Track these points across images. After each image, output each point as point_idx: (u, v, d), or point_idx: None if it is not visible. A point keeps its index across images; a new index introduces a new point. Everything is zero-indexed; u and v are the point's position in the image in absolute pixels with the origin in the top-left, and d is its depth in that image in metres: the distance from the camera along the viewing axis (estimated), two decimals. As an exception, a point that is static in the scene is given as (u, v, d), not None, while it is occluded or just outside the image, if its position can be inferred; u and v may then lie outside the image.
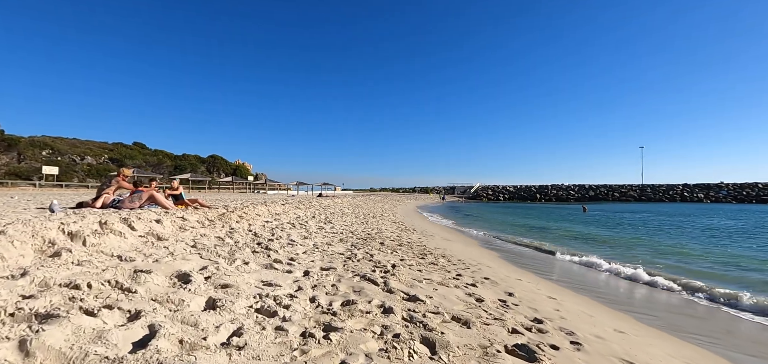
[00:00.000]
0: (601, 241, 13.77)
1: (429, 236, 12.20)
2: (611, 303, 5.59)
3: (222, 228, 5.81)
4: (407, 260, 5.89)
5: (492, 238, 14.11)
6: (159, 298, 2.50)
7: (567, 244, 12.89)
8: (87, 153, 57.56)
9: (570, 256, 9.84)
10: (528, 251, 10.86)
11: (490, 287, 4.98)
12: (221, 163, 72.47)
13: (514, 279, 6.21)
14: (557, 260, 9.47)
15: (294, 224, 8.27)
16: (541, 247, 11.70)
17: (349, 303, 3.10)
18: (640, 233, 16.62)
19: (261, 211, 8.78)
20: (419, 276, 4.75)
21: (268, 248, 4.96)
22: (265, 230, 6.70)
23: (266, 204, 10.45)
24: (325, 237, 7.14)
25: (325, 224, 9.59)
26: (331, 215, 13.21)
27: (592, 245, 12.76)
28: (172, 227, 4.89)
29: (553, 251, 10.61)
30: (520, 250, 11.03)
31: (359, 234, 8.61)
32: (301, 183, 59.90)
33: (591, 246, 12.35)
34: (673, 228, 18.80)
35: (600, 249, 11.54)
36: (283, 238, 6.12)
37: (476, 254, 9.17)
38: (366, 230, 9.83)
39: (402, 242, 8.39)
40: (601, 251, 10.99)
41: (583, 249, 11.42)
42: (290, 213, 10.41)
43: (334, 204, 20.32)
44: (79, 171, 49.93)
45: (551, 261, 9.26)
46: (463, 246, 10.58)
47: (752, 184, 78.73)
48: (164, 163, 62.93)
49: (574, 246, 12.20)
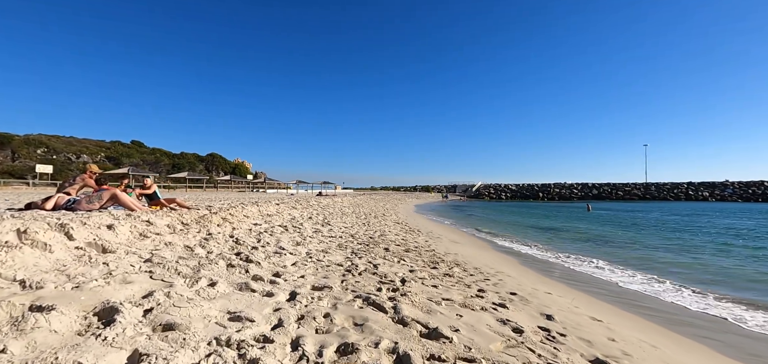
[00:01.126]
0: (621, 242, 12.81)
1: (435, 238, 11.26)
2: (669, 324, 4.63)
3: (197, 234, 4.87)
4: (418, 271, 4.95)
5: (502, 240, 13.16)
6: (42, 359, 1.56)
7: (584, 247, 11.94)
8: (83, 151, 56.69)
9: (588, 260, 8.89)
10: (547, 255, 9.91)
11: (523, 308, 4.03)
12: (220, 162, 71.60)
13: (543, 293, 5.27)
14: (579, 264, 8.51)
15: (287, 227, 7.32)
16: (549, 252, 10.75)
17: (347, 350, 2.16)
18: (660, 233, 15.66)
19: (250, 212, 7.84)
20: (435, 295, 3.81)
21: (249, 260, 4.02)
22: (251, 235, 5.75)
23: (258, 204, 9.51)
24: (321, 243, 6.19)
25: (323, 227, 8.65)
26: (330, 215, 12.27)
27: (613, 247, 11.81)
28: (129, 235, 3.95)
29: (568, 254, 9.67)
30: (540, 255, 10.08)
31: (360, 238, 7.67)
32: (300, 182, 59.05)
33: (611, 249, 11.39)
34: (695, 229, 17.83)
35: (621, 252, 10.59)
36: (271, 245, 5.18)
37: (491, 259, 8.23)
38: (368, 233, 8.88)
39: (408, 248, 7.45)
40: (623, 255, 10.05)
41: (603, 252, 10.47)
42: (284, 214, 9.47)
43: (334, 204, 19.38)
44: (74, 169, 49.01)
45: (573, 266, 8.31)
46: (475, 250, 9.64)
47: (758, 182, 77.65)
48: (162, 161, 62.05)
49: (592, 250, 11.26)
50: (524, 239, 13.71)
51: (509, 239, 13.27)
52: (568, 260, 9.15)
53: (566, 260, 9.15)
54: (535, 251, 10.35)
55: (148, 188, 6.89)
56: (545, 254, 10.02)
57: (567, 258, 9.36)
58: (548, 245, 11.87)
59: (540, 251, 10.54)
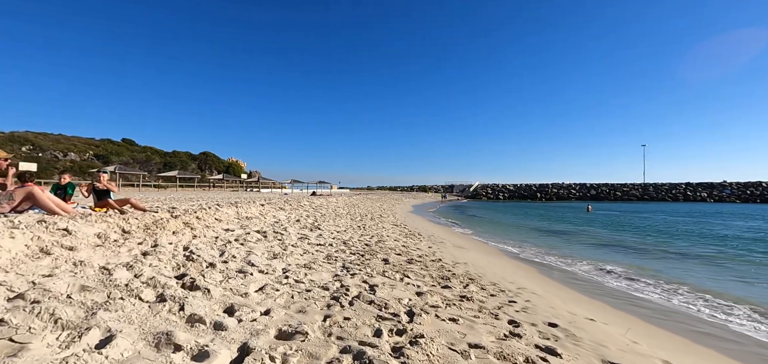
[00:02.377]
0: (642, 247, 11.75)
1: (439, 244, 10.14)
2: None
3: (136, 247, 3.69)
4: (427, 294, 3.81)
5: (511, 244, 12.07)
6: None
7: (603, 253, 10.87)
8: (70, 149, 55.08)
9: (612, 269, 7.80)
10: (567, 264, 8.81)
11: (577, 352, 2.90)
12: (213, 161, 70.11)
13: (583, 318, 4.14)
14: (605, 275, 7.41)
15: (266, 233, 6.14)
16: (568, 260, 9.67)
17: None
18: (684, 237, 14.64)
19: (225, 214, 6.66)
20: (457, 337, 2.67)
21: (194, 287, 2.85)
22: (215, 245, 4.57)
23: (238, 205, 8.31)
24: (305, 254, 5.03)
25: (311, 231, 7.48)
26: (322, 217, 11.09)
27: (635, 254, 10.75)
28: (21, 250, 2.77)
29: (588, 262, 8.59)
30: (559, 263, 8.99)
31: (355, 246, 6.51)
32: (295, 181, 57.79)
33: (638, 258, 10.34)
34: (718, 232, 16.85)
35: (648, 261, 9.53)
36: (237, 259, 4.01)
37: (507, 269, 7.10)
38: (363, 239, 7.73)
39: (411, 257, 6.30)
40: (656, 265, 8.99)
41: (627, 261, 9.41)
42: (268, 216, 8.28)
43: (328, 204, 18.20)
44: (60, 168, 47.43)
45: (598, 277, 7.21)
46: (485, 257, 8.51)
47: (756, 183, 77.42)
48: (153, 160, 60.51)
49: (614, 257, 10.20)
50: (534, 243, 12.61)
51: (517, 244, 12.16)
52: (591, 270, 8.05)
53: (591, 270, 8.05)
54: (553, 260, 9.24)
55: (100, 184, 5.68)
56: (565, 262, 8.91)
57: (591, 267, 8.26)
58: (563, 251, 10.78)
59: (558, 258, 9.43)
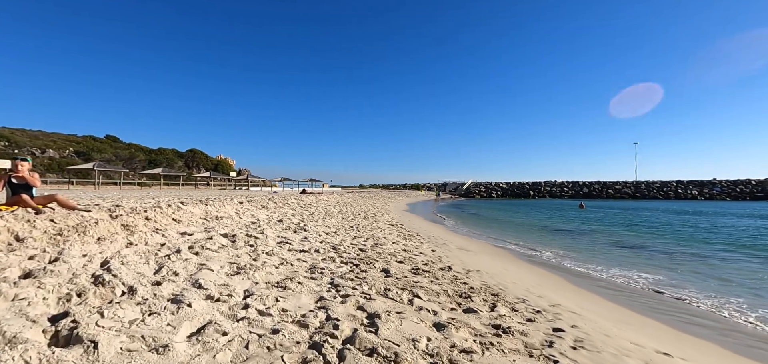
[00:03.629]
0: (666, 250, 10.80)
1: (441, 245, 9.04)
2: None
3: (25, 261, 2.48)
4: (447, 323, 2.68)
5: (520, 245, 11.04)
6: None
7: (626, 256, 9.88)
8: (49, 146, 52.73)
9: (653, 278, 6.79)
10: (595, 269, 7.77)
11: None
12: (201, 158, 68.13)
13: (653, 351, 3.06)
14: (641, 281, 6.37)
15: (235, 237, 4.93)
16: (590, 265, 8.65)
17: None
18: (709, 236, 13.78)
19: (188, 214, 5.43)
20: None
21: (71, 340, 1.66)
22: (156, 256, 3.36)
23: (211, 202, 7.06)
24: (282, 265, 3.85)
25: (296, 233, 6.29)
26: (310, 216, 9.89)
27: (663, 258, 9.79)
28: None
29: (612, 268, 7.58)
30: (583, 268, 7.95)
31: (347, 251, 5.35)
32: (286, 179, 56.28)
33: (663, 258, 9.37)
34: (737, 231, 16.08)
35: (680, 265, 8.56)
36: (180, 278, 2.82)
37: (529, 278, 6.00)
38: (358, 242, 6.57)
39: (416, 265, 5.16)
40: (705, 272, 8.01)
41: (660, 266, 8.42)
42: (245, 216, 7.05)
43: (318, 202, 16.97)
44: (37, 165, 45.22)
45: (636, 285, 6.17)
46: (498, 262, 7.41)
47: (745, 180, 78.26)
48: (137, 157, 58.42)
49: (639, 261, 9.22)
50: (543, 242, 11.59)
51: (526, 244, 11.12)
52: (619, 275, 7.01)
53: (618, 275, 7.01)
54: (574, 264, 8.19)
55: (19, 175, 4.41)
56: (587, 266, 7.87)
57: (619, 272, 7.22)
58: (579, 253, 9.76)
59: (577, 262, 8.38)
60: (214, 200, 7.71)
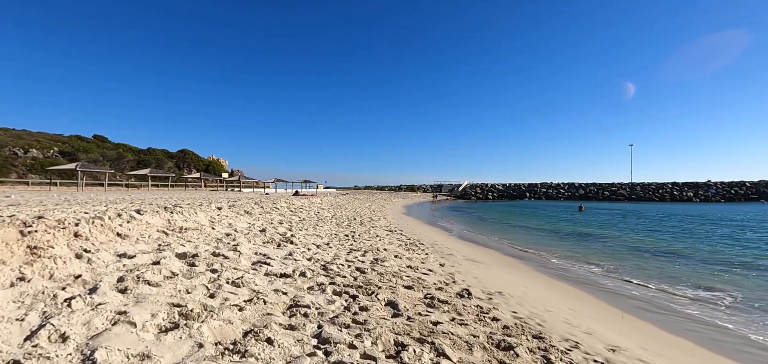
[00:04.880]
0: (692, 257, 9.86)
1: (448, 256, 8.02)
2: None
3: None
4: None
5: (531, 251, 10.05)
6: None
7: (662, 265, 8.92)
8: (33, 145, 50.88)
9: (699, 293, 5.82)
10: (633, 287, 6.78)
11: None
12: (192, 159, 66.53)
13: None
14: (706, 306, 5.38)
15: (196, 257, 3.83)
16: (634, 281, 7.67)
17: None
18: (742, 244, 12.89)
19: (141, 226, 4.32)
20: None
21: None
22: (54, 300, 2.27)
23: (176, 210, 5.93)
24: (246, 307, 2.78)
25: (279, 247, 5.21)
26: (300, 223, 8.80)
27: (700, 266, 8.85)
28: None
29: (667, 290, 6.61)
30: (631, 290, 6.96)
31: (342, 272, 4.28)
32: (279, 180, 54.97)
33: (704, 270, 8.42)
34: (743, 234, 15.24)
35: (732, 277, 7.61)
36: (69, 346, 1.72)
37: (562, 301, 4.98)
38: (354, 257, 5.50)
39: (429, 291, 4.10)
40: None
41: (697, 276, 7.46)
42: (220, 225, 5.94)
43: (311, 205, 15.86)
44: (19, 166, 43.49)
45: (704, 311, 5.18)
46: (520, 280, 6.38)
47: (739, 182, 78.60)
48: (125, 157, 56.70)
49: (679, 271, 8.27)
50: (561, 251, 10.58)
51: (535, 249, 10.13)
52: (666, 296, 6.01)
53: (666, 297, 6.01)
54: (599, 276, 7.19)
55: None
56: (615, 277, 6.87)
57: (663, 290, 6.22)
58: (601, 262, 8.77)
59: (603, 273, 7.38)
60: (186, 206, 6.58)
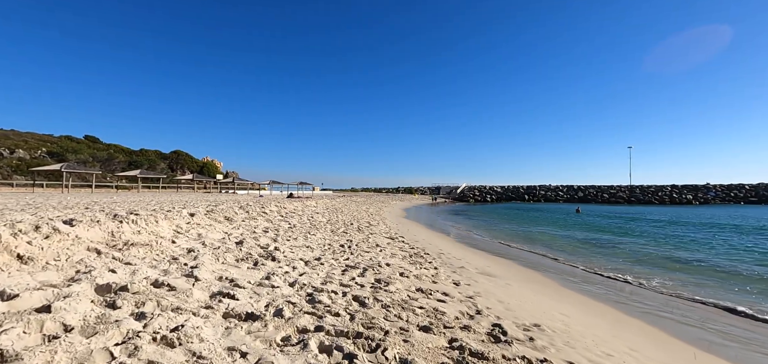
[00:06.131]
0: (732, 271, 8.83)
1: (459, 269, 6.95)
2: None
3: None
4: None
5: (548, 256, 9.00)
6: None
7: (709, 282, 7.89)
8: (20, 146, 49.38)
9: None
10: (668, 311, 5.72)
11: None
12: (186, 160, 65.12)
13: None
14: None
15: (116, 298, 2.71)
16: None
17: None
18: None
19: (62, 244, 3.20)
20: None
21: None
22: None
23: (128, 219, 4.79)
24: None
25: (255, 268, 4.11)
26: (290, 230, 7.68)
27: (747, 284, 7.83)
28: None
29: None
30: (653, 304, 5.89)
31: (333, 307, 3.19)
32: (274, 182, 53.66)
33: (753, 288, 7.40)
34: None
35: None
36: None
37: (615, 337, 3.90)
38: (351, 279, 4.40)
39: (452, 333, 3.02)
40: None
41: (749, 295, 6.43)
42: (187, 236, 4.82)
43: (305, 209, 14.73)
44: (4, 167, 41.99)
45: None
46: (550, 300, 5.30)
47: (739, 185, 78.28)
48: (117, 158, 55.22)
49: (728, 286, 7.24)
50: (577, 257, 9.51)
51: (557, 257, 9.06)
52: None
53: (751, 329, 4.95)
54: (650, 299, 6.12)
55: None
56: (660, 302, 5.81)
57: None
58: (638, 270, 7.71)
59: (651, 295, 6.31)
60: (146, 213, 5.43)
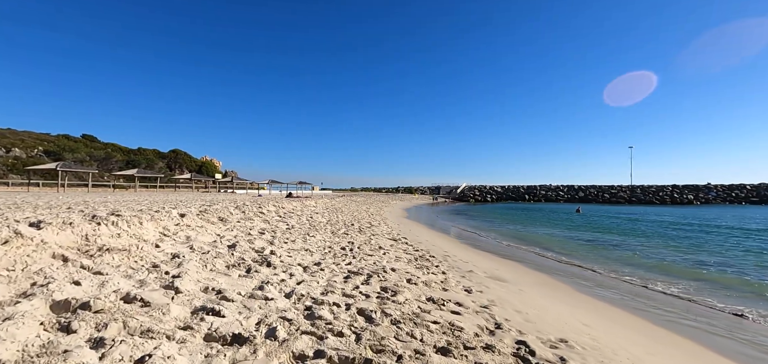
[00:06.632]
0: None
1: (467, 274, 6.54)
2: None
3: None
4: None
5: (562, 260, 8.58)
6: None
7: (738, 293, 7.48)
8: (16, 144, 48.89)
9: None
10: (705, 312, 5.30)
11: None
12: (184, 159, 64.62)
13: None
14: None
15: (71, 319, 2.28)
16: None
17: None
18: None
19: (20, 248, 2.76)
20: None
21: None
22: None
23: (108, 220, 4.36)
24: None
25: (248, 276, 3.68)
26: (288, 232, 7.25)
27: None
28: None
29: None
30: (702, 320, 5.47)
31: (335, 323, 2.76)
32: (274, 181, 53.21)
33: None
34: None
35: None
36: None
37: (651, 344, 3.48)
38: (355, 288, 3.97)
39: (477, 359, 2.60)
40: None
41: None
42: (173, 239, 4.39)
43: (304, 209, 14.29)
44: (0, 165, 41.47)
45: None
46: (570, 308, 4.86)
47: (740, 185, 77.97)
48: (114, 157, 54.73)
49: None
50: (586, 261, 9.10)
51: (560, 257, 8.64)
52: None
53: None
54: (671, 306, 5.70)
55: None
56: (706, 311, 5.39)
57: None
58: (654, 275, 7.29)
59: (673, 301, 5.89)
60: (129, 214, 5.00)
